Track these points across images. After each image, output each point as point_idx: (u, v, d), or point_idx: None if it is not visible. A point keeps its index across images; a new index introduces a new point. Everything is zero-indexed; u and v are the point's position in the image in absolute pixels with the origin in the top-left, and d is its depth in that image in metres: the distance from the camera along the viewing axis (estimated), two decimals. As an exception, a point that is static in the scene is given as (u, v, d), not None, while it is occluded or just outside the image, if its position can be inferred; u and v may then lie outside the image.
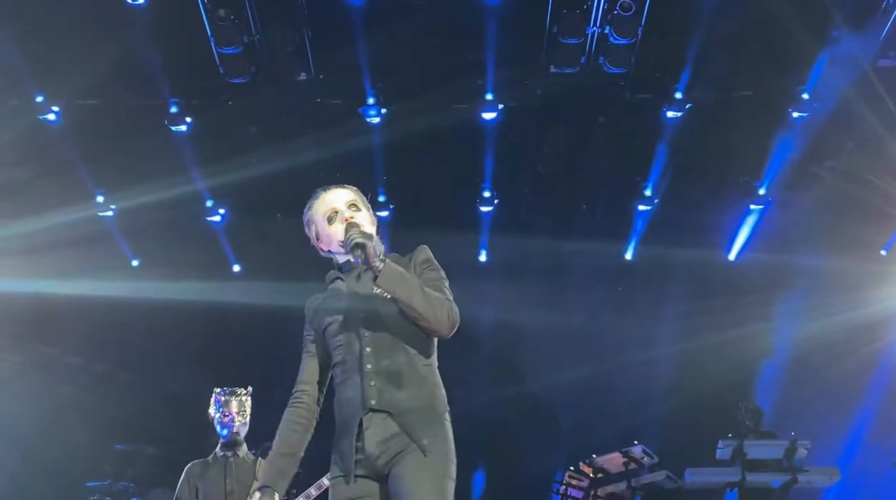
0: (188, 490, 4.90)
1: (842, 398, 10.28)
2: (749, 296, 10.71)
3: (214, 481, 4.88)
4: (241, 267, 11.42)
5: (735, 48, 8.87)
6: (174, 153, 9.59)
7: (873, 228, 10.53)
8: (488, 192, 10.50)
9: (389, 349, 3.30)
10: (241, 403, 5.11)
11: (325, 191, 3.68)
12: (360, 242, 3.26)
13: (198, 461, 5.00)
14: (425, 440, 3.17)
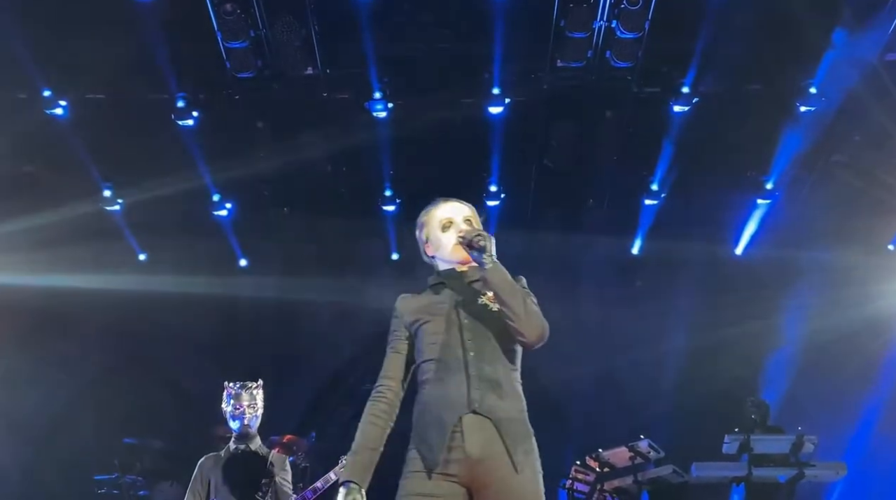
0: (201, 483, 4.93)
1: (849, 393, 10.26)
2: (756, 291, 10.70)
3: (226, 473, 4.91)
4: (248, 261, 11.44)
5: (742, 42, 8.82)
6: (181, 148, 9.59)
7: (881, 222, 10.51)
8: (495, 186, 10.49)
9: (490, 358, 3.40)
10: (252, 396, 5.12)
11: (446, 201, 3.87)
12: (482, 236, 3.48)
13: (211, 455, 5.05)
14: (520, 454, 3.26)
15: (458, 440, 3.23)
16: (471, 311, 3.50)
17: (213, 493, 4.85)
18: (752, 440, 8.62)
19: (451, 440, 3.23)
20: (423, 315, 3.58)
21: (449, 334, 3.45)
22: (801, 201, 10.55)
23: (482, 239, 3.45)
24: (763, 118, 9.56)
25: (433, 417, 3.32)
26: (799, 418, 9.09)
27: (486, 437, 3.23)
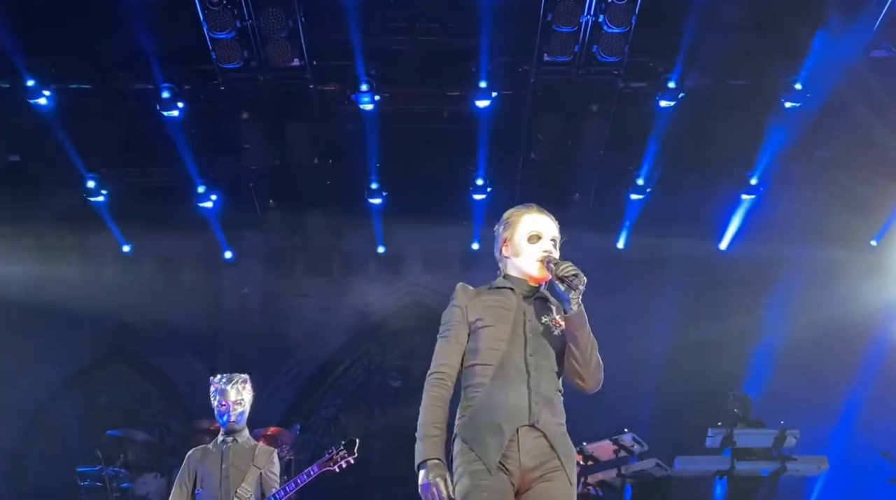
0: (188, 475, 4.93)
1: (831, 388, 10.31)
2: (739, 287, 10.75)
3: (213, 466, 4.89)
4: (234, 254, 11.40)
5: (728, 37, 8.84)
6: (166, 139, 9.54)
7: (863, 219, 10.57)
8: (481, 180, 10.49)
9: (547, 376, 3.54)
10: (239, 391, 5.09)
11: (541, 212, 3.90)
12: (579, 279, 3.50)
13: (199, 447, 5.05)
14: (569, 468, 3.45)
15: (513, 449, 3.37)
16: (536, 328, 3.58)
17: (200, 485, 4.84)
18: (734, 434, 8.68)
19: (507, 448, 3.37)
20: (488, 317, 3.60)
21: (513, 345, 3.52)
22: (785, 197, 10.59)
23: (577, 280, 3.48)
24: (748, 114, 9.59)
25: (491, 422, 3.42)
26: (781, 412, 9.14)
27: (540, 450, 3.39)
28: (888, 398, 9.83)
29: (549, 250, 3.70)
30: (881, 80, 8.94)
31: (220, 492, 4.79)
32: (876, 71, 8.96)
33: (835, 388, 10.34)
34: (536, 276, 3.69)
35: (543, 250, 3.69)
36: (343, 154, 10.38)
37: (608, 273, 11.35)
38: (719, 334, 10.45)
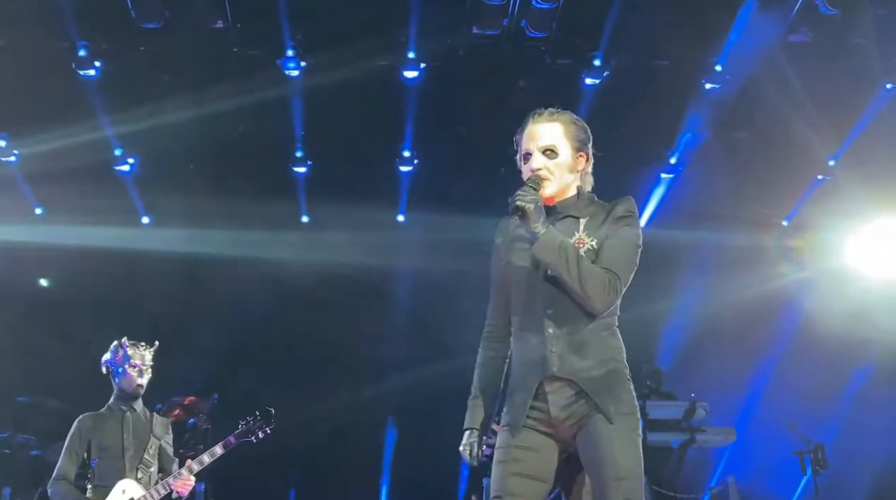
0: (80, 443, 4.69)
1: (740, 364, 10.61)
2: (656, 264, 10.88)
3: (110, 435, 4.69)
4: (151, 219, 11.12)
5: (653, 17, 8.96)
6: (82, 99, 9.22)
7: (777, 199, 10.87)
8: (408, 152, 10.43)
9: (572, 314, 3.16)
10: (144, 358, 4.93)
11: (534, 121, 3.49)
12: (518, 204, 3.14)
13: (90, 414, 4.78)
14: (611, 406, 3.09)
15: (541, 403, 3.16)
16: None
17: (96, 455, 4.64)
18: (647, 406, 8.84)
19: (534, 401, 3.16)
20: (511, 255, 3.34)
21: (531, 287, 3.22)
22: (703, 178, 10.82)
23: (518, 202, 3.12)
24: (670, 94, 9.73)
25: (519, 378, 3.24)
26: (692, 386, 9.37)
27: (567, 399, 3.12)
28: (795, 374, 10.16)
29: (537, 167, 3.31)
30: (798, 65, 9.17)
31: (122, 463, 4.61)
32: (793, 55, 9.17)
33: (744, 363, 10.64)
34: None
35: (531, 169, 3.32)
36: (267, 120, 10.17)
37: (531, 248, 11.47)
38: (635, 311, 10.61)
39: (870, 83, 9.40)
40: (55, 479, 4.60)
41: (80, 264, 10.33)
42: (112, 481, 4.62)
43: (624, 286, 3.23)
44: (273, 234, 11.06)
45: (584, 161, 3.48)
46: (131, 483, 4.63)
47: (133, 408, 4.81)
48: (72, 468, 4.71)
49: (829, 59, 9.22)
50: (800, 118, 9.47)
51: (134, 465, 4.66)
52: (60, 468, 4.67)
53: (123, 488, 4.61)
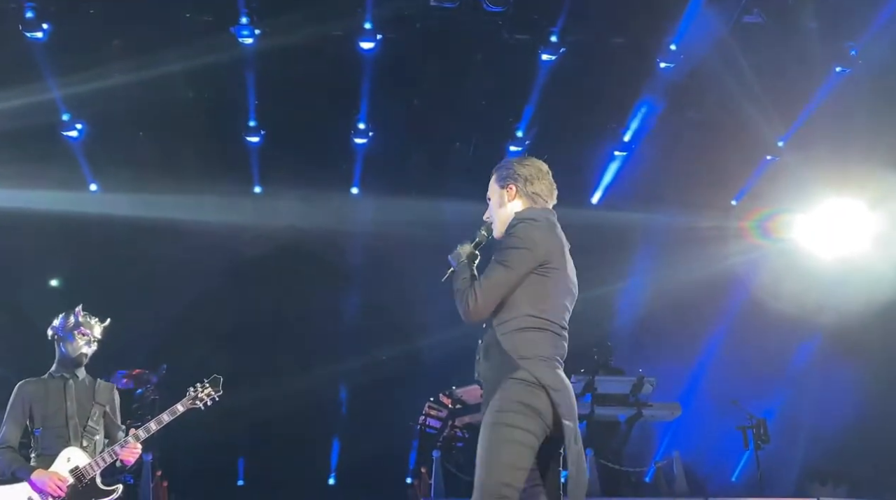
0: (22, 410, 4.57)
1: (687, 340, 10.81)
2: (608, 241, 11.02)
3: (53, 403, 4.56)
4: (99, 187, 10.91)
5: (610, -5, 9.01)
6: (29, 61, 9.00)
7: (726, 178, 11.03)
8: (363, 124, 10.37)
9: (486, 323, 3.51)
10: (93, 327, 4.85)
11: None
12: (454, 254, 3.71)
13: (31, 380, 4.62)
14: (494, 400, 3.33)
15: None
16: None
17: (40, 423, 4.54)
18: (595, 381, 8.99)
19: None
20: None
21: None
22: (656, 156, 10.94)
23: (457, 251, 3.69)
24: (625, 72, 9.79)
25: None
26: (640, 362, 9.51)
27: (484, 397, 3.46)
28: (739, 351, 10.36)
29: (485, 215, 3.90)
30: (750, 47, 9.28)
31: (66, 431, 4.53)
32: (746, 37, 9.28)
33: (691, 340, 10.84)
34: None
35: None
36: (220, 89, 10.04)
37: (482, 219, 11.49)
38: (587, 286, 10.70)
39: (820, 66, 9.55)
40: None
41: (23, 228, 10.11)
42: (56, 449, 4.52)
43: (483, 299, 3.41)
44: (225, 203, 10.94)
45: (513, 191, 3.78)
46: (76, 451, 4.53)
47: (76, 375, 4.71)
48: (16, 435, 4.58)
49: (781, 41, 9.35)
50: (750, 99, 9.60)
51: (78, 433, 4.56)
52: (3, 436, 4.54)
53: (68, 456, 4.51)
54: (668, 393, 9.65)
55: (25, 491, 4.37)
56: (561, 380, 3.34)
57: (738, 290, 10.91)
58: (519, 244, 3.39)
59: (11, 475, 4.41)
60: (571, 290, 3.55)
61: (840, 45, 9.44)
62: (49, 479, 4.39)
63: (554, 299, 3.40)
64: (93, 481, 4.49)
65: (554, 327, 3.40)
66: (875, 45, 9.17)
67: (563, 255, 3.52)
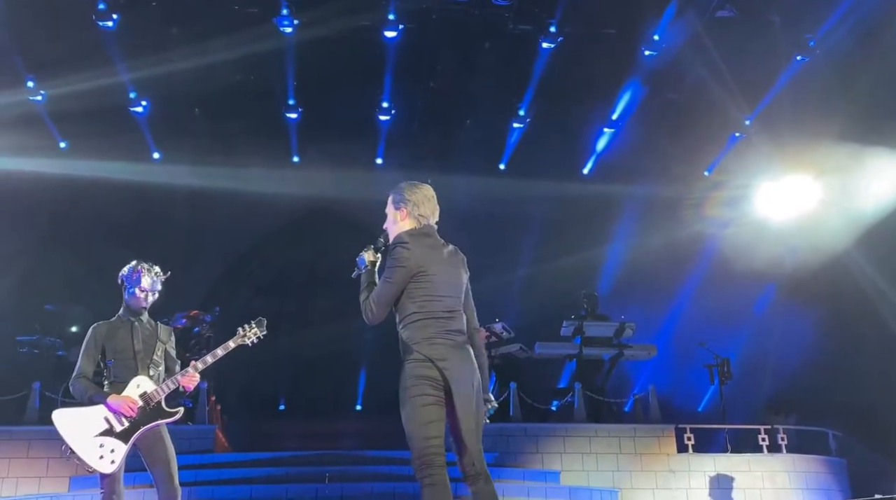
0: (95, 347, 4.67)
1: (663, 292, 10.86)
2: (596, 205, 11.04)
3: (122, 340, 4.58)
4: (161, 155, 11.01)
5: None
6: (101, 47, 9.05)
7: (701, 152, 11.00)
8: (386, 102, 10.40)
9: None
10: (154, 281, 4.78)
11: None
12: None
13: (103, 322, 4.69)
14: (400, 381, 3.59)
15: None
16: None
17: (111, 356, 4.64)
18: (584, 326, 9.07)
19: None
20: None
21: None
22: (638, 133, 10.92)
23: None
24: (614, 59, 9.79)
25: None
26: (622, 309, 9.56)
27: None
28: (708, 301, 10.40)
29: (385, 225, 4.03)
30: (723, 37, 9.25)
31: (134, 363, 4.60)
32: (719, 29, 9.25)
33: (666, 291, 10.89)
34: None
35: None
36: (263, 72, 10.07)
37: (490, 187, 11.53)
38: (576, 243, 10.80)
39: (782, 54, 9.49)
40: (76, 377, 4.51)
41: (98, 192, 10.22)
42: (126, 378, 4.58)
43: (376, 309, 3.71)
44: (267, 170, 11.01)
45: (404, 213, 3.94)
46: (144, 379, 4.55)
47: (140, 319, 4.82)
48: (90, 367, 4.63)
49: (750, 32, 9.31)
50: (722, 83, 9.58)
51: (145, 364, 4.61)
52: (80, 367, 4.55)
53: (138, 383, 4.53)
54: (645, 336, 9.71)
55: (102, 412, 4.43)
56: (446, 352, 3.59)
57: (707, 249, 10.93)
58: (395, 264, 3.70)
59: (89, 399, 4.44)
60: (450, 282, 3.78)
61: (800, 36, 9.38)
62: (123, 402, 4.44)
63: (433, 296, 3.68)
64: (158, 404, 4.52)
65: (437, 315, 3.66)
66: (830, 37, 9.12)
67: (437, 260, 3.77)
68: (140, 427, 4.45)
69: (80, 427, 4.40)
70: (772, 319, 10.35)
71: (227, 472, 6.99)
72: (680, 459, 7.90)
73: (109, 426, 4.43)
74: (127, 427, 4.44)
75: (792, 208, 10.07)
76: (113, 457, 4.37)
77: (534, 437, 7.92)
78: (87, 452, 4.35)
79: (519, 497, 6.82)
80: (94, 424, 4.43)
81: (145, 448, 4.49)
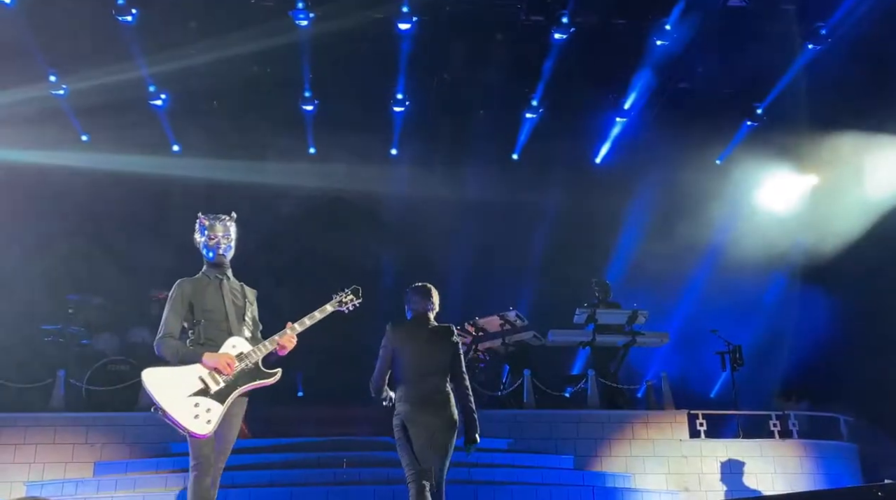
0: (182, 303, 4.16)
1: (675, 280, 10.78)
2: (608, 194, 10.99)
3: (212, 298, 4.19)
4: (180, 147, 11.06)
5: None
6: (121, 41, 9.08)
7: (712, 141, 10.91)
8: (401, 94, 10.37)
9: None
10: (226, 227, 4.39)
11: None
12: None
13: (187, 278, 4.27)
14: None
15: None
16: None
17: (201, 316, 4.15)
18: (597, 313, 9.02)
19: None
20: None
21: None
22: (651, 122, 10.83)
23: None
24: (626, 48, 9.70)
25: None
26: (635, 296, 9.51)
27: None
28: (718, 289, 10.33)
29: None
30: (735, 26, 9.14)
31: (226, 323, 4.16)
32: (730, 18, 9.14)
33: (678, 279, 10.82)
34: None
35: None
36: (279, 64, 10.06)
37: (504, 178, 11.50)
38: (588, 231, 10.76)
39: (794, 43, 9.38)
40: (162, 337, 4.06)
41: (119, 185, 10.28)
42: (218, 340, 4.11)
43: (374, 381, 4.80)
44: (284, 162, 11.02)
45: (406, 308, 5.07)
46: (240, 340, 4.15)
47: (226, 275, 4.30)
48: (177, 326, 4.14)
49: (762, 21, 9.18)
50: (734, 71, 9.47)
51: (236, 326, 4.18)
52: (166, 326, 4.10)
53: (233, 343, 4.12)
54: (658, 324, 9.66)
55: (196, 371, 4.01)
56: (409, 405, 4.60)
57: (719, 236, 10.85)
58: (383, 343, 4.77)
59: (180, 360, 4.03)
60: (421, 352, 4.70)
61: (811, 25, 9.26)
62: (220, 358, 4.04)
63: (406, 366, 4.67)
64: (256, 365, 4.13)
65: (409, 381, 4.66)
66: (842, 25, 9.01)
67: (410, 341, 4.73)
68: (237, 388, 4.06)
69: (173, 387, 3.97)
70: (783, 306, 10.28)
71: (248, 458, 7.03)
72: (692, 444, 7.88)
73: (205, 385, 4.02)
74: (223, 387, 4.03)
75: (803, 196, 9.98)
76: (209, 417, 3.96)
77: (547, 423, 7.93)
78: (181, 412, 3.93)
79: (533, 483, 6.83)
80: (188, 383, 4.01)
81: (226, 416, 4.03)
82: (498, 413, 8.05)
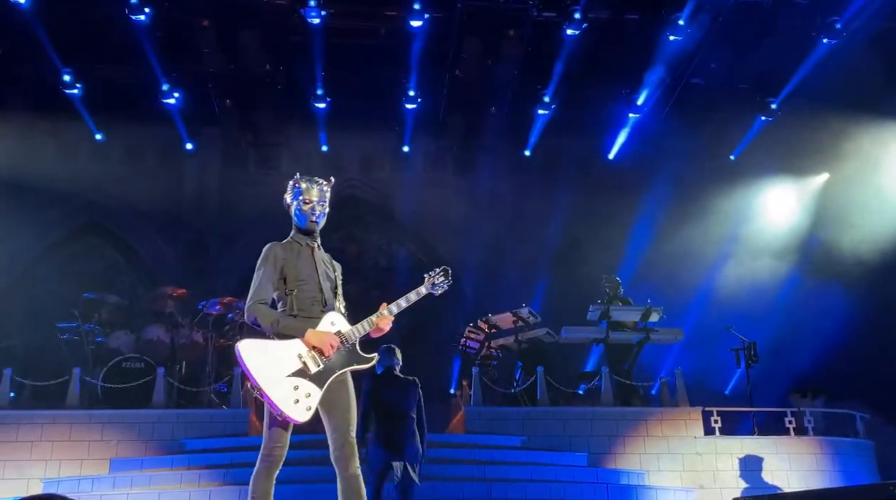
0: (274, 269, 3.76)
1: (688, 276, 10.69)
2: (620, 190, 10.93)
3: (304, 266, 3.80)
4: (194, 146, 11.06)
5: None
6: (135, 40, 9.09)
7: (727, 137, 10.81)
8: (413, 91, 10.33)
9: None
10: (322, 191, 4.00)
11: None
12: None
13: (277, 243, 3.87)
14: None
15: None
16: None
17: (293, 284, 3.76)
18: (610, 310, 8.96)
19: None
20: None
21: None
22: (664, 118, 10.75)
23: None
24: (639, 44, 9.63)
25: None
26: (648, 293, 9.45)
27: None
28: (733, 284, 10.26)
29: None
30: (748, 21, 9.03)
31: (321, 295, 3.79)
32: (744, 13, 9.04)
33: (692, 275, 10.73)
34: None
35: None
36: (292, 62, 10.05)
37: (516, 176, 11.45)
38: (601, 227, 10.70)
39: (808, 38, 9.27)
40: (254, 302, 3.66)
41: (133, 182, 10.30)
42: (312, 312, 3.73)
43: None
44: (296, 159, 11.02)
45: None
46: (338, 316, 3.74)
47: (319, 245, 3.92)
48: (269, 292, 3.74)
49: (775, 16, 9.07)
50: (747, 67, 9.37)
51: (331, 299, 3.81)
52: (257, 291, 3.70)
53: (332, 320, 3.72)
54: (672, 320, 9.58)
55: (295, 348, 3.62)
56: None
57: (733, 232, 10.76)
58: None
59: (279, 332, 3.65)
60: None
61: (825, 19, 9.15)
62: (325, 337, 3.65)
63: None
64: (353, 346, 3.77)
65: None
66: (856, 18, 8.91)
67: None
68: (335, 371, 3.70)
69: (271, 364, 3.57)
70: (799, 301, 10.18)
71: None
72: (707, 441, 7.81)
73: (304, 366, 3.63)
74: (322, 370, 3.66)
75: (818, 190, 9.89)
76: (309, 403, 3.60)
77: (561, 420, 7.88)
78: (280, 394, 3.56)
79: (546, 480, 6.80)
80: (287, 362, 3.61)
81: (327, 390, 3.67)
82: (511, 411, 8.01)
